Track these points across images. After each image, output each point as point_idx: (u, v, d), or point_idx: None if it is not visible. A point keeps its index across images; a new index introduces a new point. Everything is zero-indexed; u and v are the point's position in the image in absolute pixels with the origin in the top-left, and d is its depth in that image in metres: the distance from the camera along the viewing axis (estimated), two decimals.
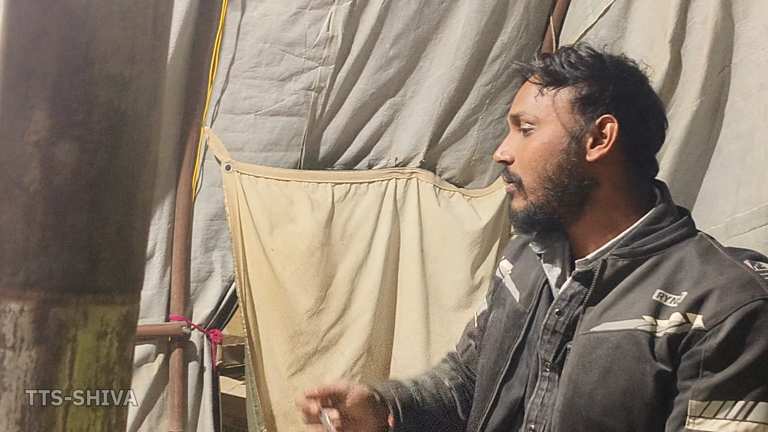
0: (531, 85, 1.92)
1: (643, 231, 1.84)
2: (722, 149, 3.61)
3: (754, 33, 3.47)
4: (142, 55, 0.81)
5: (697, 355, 1.66)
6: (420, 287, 3.92)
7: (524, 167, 1.88)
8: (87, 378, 0.80)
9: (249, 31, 3.49)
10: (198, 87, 3.47)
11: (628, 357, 1.73)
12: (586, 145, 1.85)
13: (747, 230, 3.44)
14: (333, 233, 3.74)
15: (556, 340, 1.89)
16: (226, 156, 3.55)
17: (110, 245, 0.80)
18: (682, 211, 1.93)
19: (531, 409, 1.94)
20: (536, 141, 1.87)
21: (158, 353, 3.55)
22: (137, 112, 0.81)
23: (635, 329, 1.73)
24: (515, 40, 3.95)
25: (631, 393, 1.72)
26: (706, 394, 1.66)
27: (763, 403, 1.64)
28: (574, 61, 1.88)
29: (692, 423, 1.67)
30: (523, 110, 1.90)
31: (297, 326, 3.65)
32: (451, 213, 4.01)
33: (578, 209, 1.88)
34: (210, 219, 3.60)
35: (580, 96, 1.86)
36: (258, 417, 3.61)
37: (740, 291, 1.68)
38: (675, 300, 1.72)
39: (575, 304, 1.88)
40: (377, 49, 3.73)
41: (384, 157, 3.92)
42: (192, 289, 3.60)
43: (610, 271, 1.82)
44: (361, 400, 2.02)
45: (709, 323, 1.66)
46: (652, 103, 1.95)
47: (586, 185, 1.86)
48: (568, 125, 1.85)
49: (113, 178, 0.79)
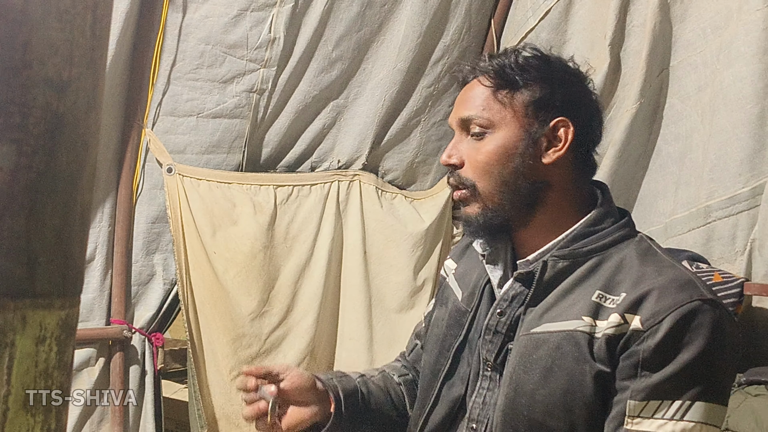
0: (478, 88, 1.89)
1: (584, 232, 1.85)
2: (661, 151, 3.66)
3: (692, 36, 3.52)
4: (80, 57, 0.80)
5: (636, 355, 1.67)
6: (363, 289, 3.92)
7: (479, 172, 1.86)
8: (25, 383, 0.79)
9: (190, 32, 3.48)
10: (139, 89, 3.45)
11: (568, 358, 1.73)
12: (541, 148, 1.85)
13: (685, 231, 3.48)
14: (276, 236, 3.74)
15: (498, 340, 1.90)
16: (168, 158, 3.53)
17: (48, 249, 0.79)
18: (623, 213, 1.94)
19: (472, 407, 1.94)
20: (491, 144, 1.85)
21: (99, 357, 3.52)
22: (76, 114, 0.80)
23: (575, 330, 1.73)
24: (457, 43, 3.97)
25: (572, 393, 1.72)
26: (645, 394, 1.67)
27: (700, 403, 1.65)
28: (523, 63, 1.87)
29: (631, 423, 1.67)
30: (473, 114, 1.87)
31: (240, 329, 3.64)
32: (393, 215, 4.02)
33: (529, 212, 1.87)
34: (151, 222, 3.58)
35: (534, 99, 1.84)
36: (200, 420, 3.60)
37: (678, 292, 1.69)
38: (614, 301, 1.72)
39: (516, 304, 1.88)
40: (319, 52, 3.73)
41: (327, 160, 3.92)
42: (133, 293, 3.58)
43: (550, 272, 1.82)
44: (300, 382, 2.00)
45: (647, 324, 1.66)
46: (595, 104, 1.96)
47: (538, 188, 1.86)
48: (523, 128, 1.84)
49: (51, 181, 0.78)
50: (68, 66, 0.79)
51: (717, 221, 3.38)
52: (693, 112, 3.52)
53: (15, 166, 0.77)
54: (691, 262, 3.25)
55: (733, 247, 3.36)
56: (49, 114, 0.78)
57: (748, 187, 3.29)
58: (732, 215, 3.34)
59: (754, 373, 3.00)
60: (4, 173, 0.76)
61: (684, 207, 3.51)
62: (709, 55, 3.45)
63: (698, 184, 3.45)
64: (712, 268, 3.26)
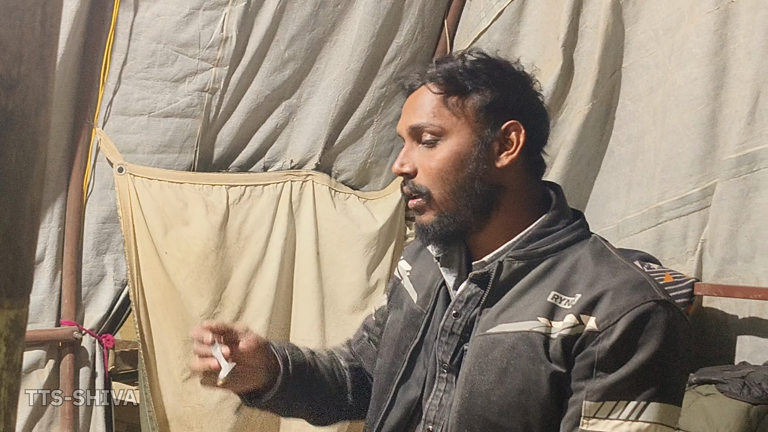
0: (427, 95, 1.87)
1: (539, 233, 1.85)
2: (613, 152, 3.68)
3: (644, 37, 3.54)
4: (30, 54, 0.79)
5: (591, 356, 1.68)
6: (316, 290, 3.91)
7: (433, 179, 1.85)
8: None
9: (142, 31, 3.45)
10: (89, 88, 3.41)
11: (523, 358, 1.73)
12: (494, 152, 1.85)
13: (637, 231, 3.51)
14: (228, 236, 3.72)
15: (454, 342, 1.90)
16: (119, 158, 3.50)
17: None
18: (577, 214, 1.94)
19: (429, 409, 1.94)
20: (444, 151, 1.83)
21: (49, 359, 3.48)
22: (25, 112, 0.79)
23: (530, 331, 1.74)
24: (410, 43, 3.97)
25: (527, 393, 1.73)
26: (600, 395, 1.67)
27: (654, 403, 1.66)
28: (472, 67, 1.87)
29: (586, 423, 1.68)
30: (424, 122, 1.85)
31: (191, 330, 3.62)
32: (346, 215, 4.01)
33: (485, 216, 1.87)
34: (102, 222, 3.55)
35: (485, 103, 1.84)
36: (152, 422, 3.57)
37: (632, 293, 1.70)
38: (569, 302, 1.73)
39: (472, 305, 1.88)
40: (272, 51, 3.71)
41: (279, 160, 3.90)
42: (83, 294, 3.55)
43: (506, 273, 1.82)
44: (255, 345, 1.99)
45: (602, 325, 1.67)
46: (542, 105, 1.96)
47: (493, 192, 1.86)
48: (476, 133, 1.83)
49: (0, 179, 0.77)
50: (17, 63, 0.78)
51: (668, 222, 3.41)
52: (645, 113, 3.55)
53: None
54: (642, 263, 3.27)
55: (684, 248, 3.40)
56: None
57: (699, 187, 3.32)
58: (683, 216, 3.37)
59: (704, 372, 3.02)
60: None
61: (636, 207, 3.54)
62: (661, 57, 3.48)
63: (650, 184, 3.48)
64: (663, 269, 3.29)
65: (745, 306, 3.23)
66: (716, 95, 3.28)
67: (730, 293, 3.20)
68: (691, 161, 3.33)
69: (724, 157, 3.23)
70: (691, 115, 3.32)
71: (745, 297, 3.16)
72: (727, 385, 2.88)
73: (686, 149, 3.34)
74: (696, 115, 3.31)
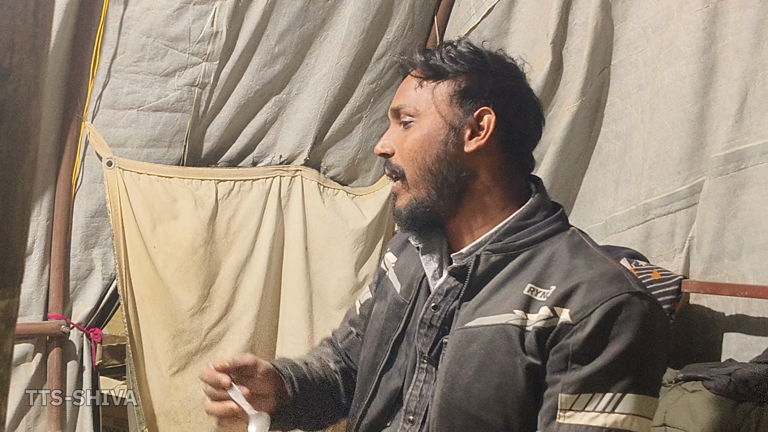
0: (412, 79, 1.94)
1: (517, 225, 1.87)
2: (602, 149, 3.69)
3: (633, 35, 3.55)
4: (22, 44, 0.79)
5: (565, 348, 1.69)
6: (304, 285, 3.92)
7: (405, 159, 1.90)
8: None
9: (132, 25, 3.44)
10: (79, 81, 3.41)
11: (500, 351, 1.75)
12: (464, 137, 1.88)
13: (625, 228, 3.52)
14: (216, 231, 3.72)
15: (433, 334, 1.92)
16: (108, 152, 3.50)
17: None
18: (556, 206, 1.96)
19: (410, 400, 1.95)
20: (416, 133, 1.89)
21: (36, 352, 3.48)
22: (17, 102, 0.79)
23: (506, 323, 1.75)
24: (400, 39, 3.98)
25: (505, 386, 1.74)
26: (575, 387, 1.68)
27: (630, 395, 1.67)
28: (454, 55, 1.91)
29: (563, 416, 1.69)
30: (403, 103, 1.92)
31: (179, 325, 3.62)
32: (335, 211, 4.01)
33: (457, 201, 1.90)
34: (90, 216, 3.54)
35: (460, 89, 1.88)
36: (139, 417, 3.57)
37: (607, 285, 1.71)
38: (544, 294, 1.75)
39: (451, 298, 1.90)
40: (262, 46, 3.71)
41: (268, 155, 3.90)
42: (71, 287, 3.54)
43: (483, 267, 1.84)
44: (265, 375, 2.02)
45: (576, 317, 1.69)
46: (529, 99, 1.98)
47: (464, 177, 1.88)
48: (446, 117, 1.88)
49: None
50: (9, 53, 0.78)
51: (656, 219, 3.42)
52: (633, 111, 3.55)
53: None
54: (630, 260, 3.28)
55: (672, 245, 3.40)
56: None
57: (687, 185, 3.33)
58: (671, 213, 3.38)
59: (690, 369, 3.03)
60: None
61: (624, 204, 3.55)
62: (650, 54, 3.49)
63: (638, 181, 3.49)
64: (651, 266, 3.30)
65: (732, 303, 3.24)
66: (704, 93, 3.28)
67: (716, 290, 3.20)
68: (679, 159, 3.33)
69: (712, 154, 3.24)
70: (680, 113, 3.33)
71: (732, 294, 3.17)
72: (714, 381, 2.89)
73: (674, 147, 3.35)
74: (684, 113, 3.32)
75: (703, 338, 3.31)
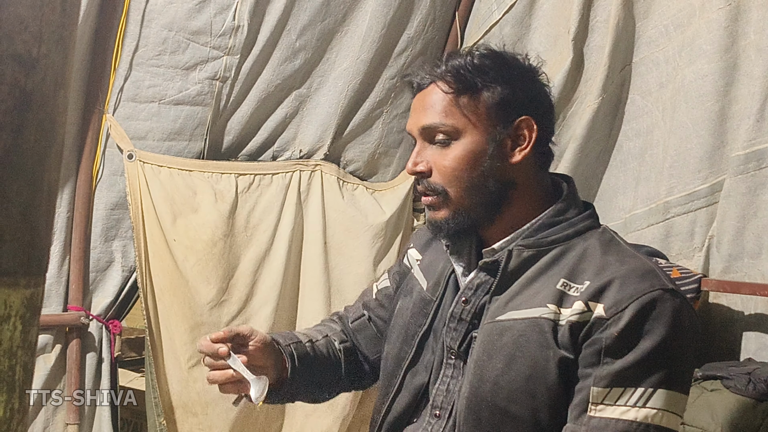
0: (437, 93, 1.90)
1: (549, 222, 1.88)
2: (622, 146, 3.68)
3: (655, 32, 3.54)
4: (50, 34, 0.79)
5: (598, 342, 1.70)
6: (322, 279, 3.92)
7: (447, 178, 1.87)
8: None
9: (154, 18, 3.45)
10: (101, 74, 3.42)
11: (532, 344, 1.76)
12: (506, 148, 1.87)
13: (644, 227, 3.51)
14: (236, 224, 3.72)
15: (462, 328, 1.92)
16: (129, 144, 3.51)
17: (14, 227, 0.78)
18: (587, 205, 1.97)
19: (436, 395, 1.96)
20: (458, 151, 1.86)
21: (56, 344, 3.49)
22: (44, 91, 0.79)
23: (539, 317, 1.76)
24: (421, 35, 3.97)
25: (535, 379, 1.75)
26: (607, 381, 1.69)
27: (662, 390, 1.68)
28: (480, 64, 1.88)
29: (594, 410, 1.70)
30: (436, 122, 1.87)
31: (198, 317, 3.63)
32: (354, 206, 4.01)
33: (496, 210, 1.90)
34: (111, 208, 3.55)
35: (496, 101, 1.86)
36: (157, 409, 3.58)
37: (640, 281, 1.72)
38: (578, 289, 1.75)
39: (481, 293, 1.91)
40: (283, 40, 3.71)
41: (288, 149, 3.91)
42: (91, 279, 3.55)
43: (515, 262, 1.85)
44: (264, 345, 2.04)
45: (610, 312, 1.69)
46: (549, 98, 1.98)
47: (506, 187, 1.89)
48: (487, 131, 1.86)
49: (18, 158, 0.78)
50: (37, 43, 0.78)
51: (676, 217, 3.41)
52: (654, 109, 3.54)
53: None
54: (649, 258, 3.27)
55: (692, 243, 3.39)
56: (17, 91, 0.77)
57: (707, 183, 3.32)
58: (691, 212, 3.37)
59: (710, 368, 3.03)
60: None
61: (643, 203, 3.54)
62: (671, 52, 3.48)
63: (658, 180, 3.48)
64: (671, 264, 3.29)
65: (752, 302, 3.23)
66: (726, 92, 3.27)
67: (736, 289, 3.20)
68: (700, 157, 3.33)
69: (732, 153, 3.23)
70: (701, 112, 3.32)
71: (752, 293, 3.16)
72: (733, 381, 2.89)
73: (695, 145, 3.34)
74: (705, 112, 3.31)
75: (723, 337, 3.30)
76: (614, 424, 1.68)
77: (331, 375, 2.26)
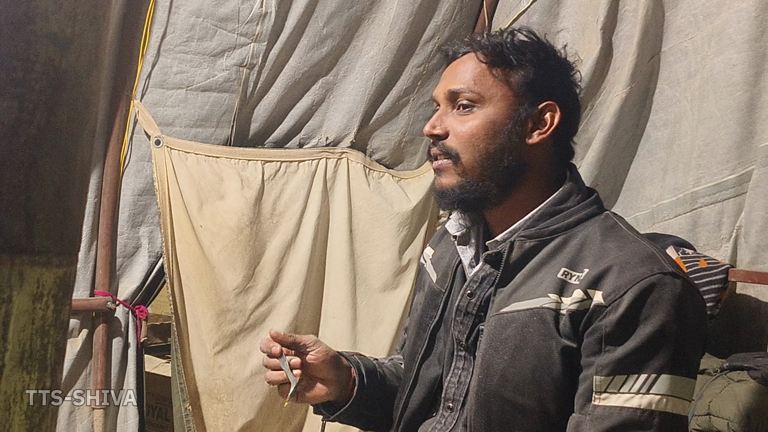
0: (471, 62, 1.91)
1: (550, 211, 1.87)
2: (650, 136, 3.67)
3: (684, 22, 3.52)
4: (84, 13, 0.79)
5: (599, 330, 1.69)
6: (348, 267, 3.92)
7: (463, 143, 1.87)
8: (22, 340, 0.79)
9: (181, 5, 3.46)
10: (128, 60, 3.43)
11: (535, 335, 1.75)
12: (527, 129, 1.87)
13: (672, 217, 3.50)
14: (262, 211, 3.73)
15: (469, 321, 1.92)
16: (156, 130, 3.52)
17: (47, 206, 0.78)
18: (590, 191, 1.96)
19: (448, 387, 1.97)
20: (479, 119, 1.87)
21: (82, 328, 3.51)
22: (78, 71, 0.79)
23: (541, 307, 1.76)
24: (449, 23, 3.96)
25: (540, 370, 1.75)
26: (610, 369, 1.68)
27: (665, 375, 1.67)
28: (519, 44, 1.89)
29: (598, 398, 1.69)
30: (463, 87, 1.89)
31: (224, 303, 3.64)
32: (380, 194, 4.01)
33: (507, 191, 1.89)
34: (138, 194, 3.56)
35: (528, 80, 1.87)
36: (183, 394, 3.59)
37: (639, 266, 1.71)
38: (578, 277, 1.74)
39: (486, 285, 1.90)
40: (310, 28, 3.71)
41: (315, 136, 3.91)
42: (118, 265, 3.57)
43: (517, 253, 1.84)
44: (325, 357, 2.03)
45: (609, 299, 1.68)
46: (577, 96, 1.98)
47: (519, 168, 1.88)
48: (513, 107, 1.86)
49: (52, 137, 0.78)
50: (71, 22, 0.78)
51: (703, 207, 3.39)
52: (682, 98, 3.53)
53: (16, 121, 0.76)
54: (677, 248, 3.26)
55: (719, 234, 3.38)
56: (52, 70, 0.78)
57: (735, 174, 3.30)
58: (718, 202, 3.35)
59: (735, 359, 3.02)
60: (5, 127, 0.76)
61: (671, 193, 3.52)
62: (700, 42, 3.45)
63: (686, 170, 3.46)
64: (698, 254, 3.27)
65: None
66: (755, 81, 3.25)
67: (764, 280, 3.18)
68: (728, 147, 3.31)
69: (761, 144, 3.21)
70: (729, 101, 3.30)
71: None
72: (759, 371, 2.87)
73: (723, 135, 3.32)
74: (734, 101, 3.29)
75: (749, 328, 3.28)
76: (618, 412, 1.67)
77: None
